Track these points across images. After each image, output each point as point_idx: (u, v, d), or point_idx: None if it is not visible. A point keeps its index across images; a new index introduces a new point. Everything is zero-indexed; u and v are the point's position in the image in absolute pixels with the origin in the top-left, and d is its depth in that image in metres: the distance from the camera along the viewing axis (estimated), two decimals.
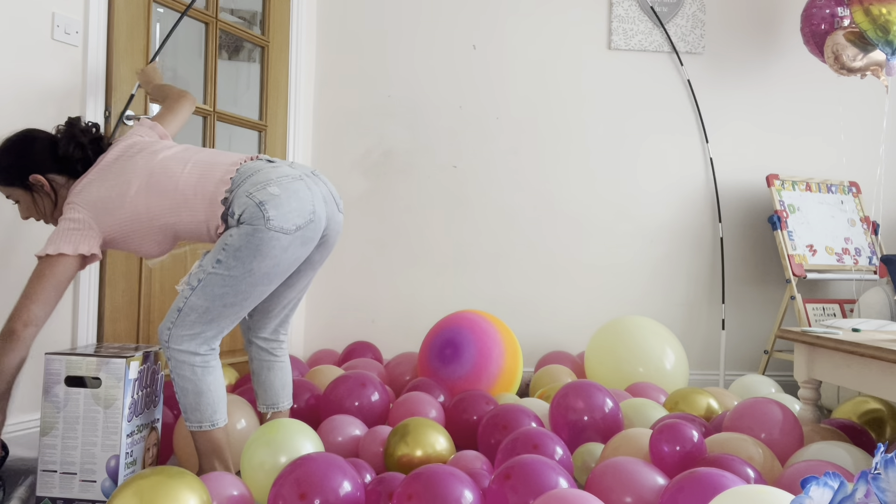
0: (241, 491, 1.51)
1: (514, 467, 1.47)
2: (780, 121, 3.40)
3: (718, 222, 3.35)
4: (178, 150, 1.78)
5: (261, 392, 1.98)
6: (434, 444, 1.81)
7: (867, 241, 3.26)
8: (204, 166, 1.73)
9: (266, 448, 1.64)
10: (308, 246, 1.73)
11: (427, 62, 3.30)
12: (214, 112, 2.70)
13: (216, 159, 1.76)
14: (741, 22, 3.39)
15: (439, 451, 1.81)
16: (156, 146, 1.79)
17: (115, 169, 1.73)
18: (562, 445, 1.72)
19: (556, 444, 1.71)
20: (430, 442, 1.81)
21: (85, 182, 1.73)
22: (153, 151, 1.76)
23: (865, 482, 0.94)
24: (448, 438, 1.87)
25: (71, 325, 2.18)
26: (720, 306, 3.34)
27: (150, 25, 2.39)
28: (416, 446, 1.79)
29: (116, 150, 1.78)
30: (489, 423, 1.95)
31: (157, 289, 2.45)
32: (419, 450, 1.79)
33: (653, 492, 1.48)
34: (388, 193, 3.29)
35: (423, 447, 1.80)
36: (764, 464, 1.66)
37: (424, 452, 1.79)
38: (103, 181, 1.72)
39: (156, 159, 1.74)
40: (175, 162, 1.74)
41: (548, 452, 1.67)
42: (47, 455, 1.62)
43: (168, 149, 1.78)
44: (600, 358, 2.70)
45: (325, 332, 3.25)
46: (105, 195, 1.70)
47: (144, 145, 1.79)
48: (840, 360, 1.93)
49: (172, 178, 1.70)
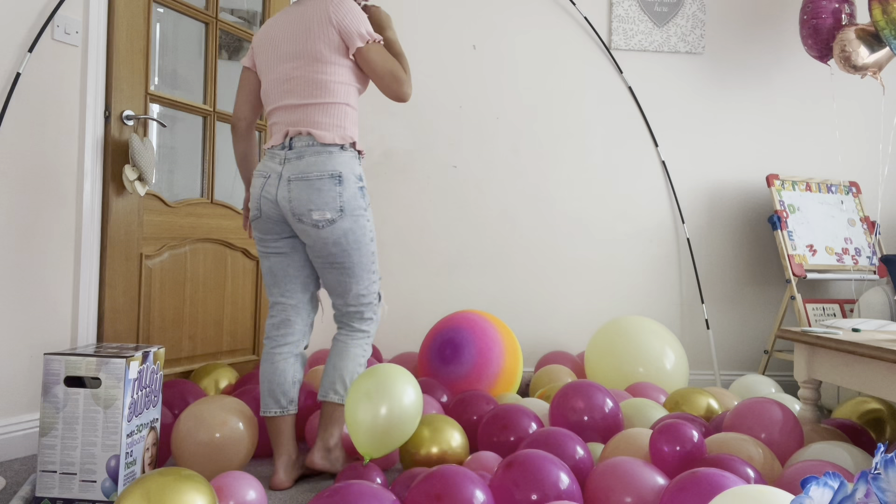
0: (258, 492, 1.52)
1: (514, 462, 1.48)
2: (781, 121, 3.40)
3: (682, 223, 3.35)
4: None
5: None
6: (450, 440, 1.82)
7: (867, 241, 3.25)
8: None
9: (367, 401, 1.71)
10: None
11: (427, 62, 3.30)
12: (214, 112, 2.70)
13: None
14: (741, 22, 3.39)
15: (455, 449, 1.82)
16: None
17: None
18: (582, 445, 1.73)
19: (576, 444, 1.72)
20: (447, 439, 1.82)
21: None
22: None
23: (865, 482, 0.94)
24: (463, 435, 1.89)
25: (71, 325, 2.18)
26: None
27: (150, 25, 2.39)
28: (434, 443, 1.80)
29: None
30: (489, 423, 1.96)
31: (157, 289, 2.45)
32: (436, 447, 1.80)
33: (653, 492, 1.48)
34: (388, 193, 3.29)
35: (440, 444, 1.80)
36: (764, 464, 1.66)
37: (441, 449, 1.80)
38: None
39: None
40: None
41: (568, 453, 1.68)
42: (47, 455, 1.62)
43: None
44: (600, 358, 2.70)
45: (325, 332, 3.25)
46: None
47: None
48: (840, 360, 1.93)
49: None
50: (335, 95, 1.79)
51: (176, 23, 2.75)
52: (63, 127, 2.15)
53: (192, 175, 2.73)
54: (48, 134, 2.11)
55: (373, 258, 1.85)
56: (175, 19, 2.69)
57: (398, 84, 1.77)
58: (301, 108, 1.79)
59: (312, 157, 1.76)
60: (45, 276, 2.11)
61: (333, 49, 1.77)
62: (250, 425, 1.92)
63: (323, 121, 1.77)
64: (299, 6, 1.85)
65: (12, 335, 2.03)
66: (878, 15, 2.62)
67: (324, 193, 1.73)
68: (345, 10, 1.78)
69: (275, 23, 1.88)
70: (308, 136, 1.77)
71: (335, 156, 1.76)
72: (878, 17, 2.62)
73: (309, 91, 1.79)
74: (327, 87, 1.78)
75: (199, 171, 2.71)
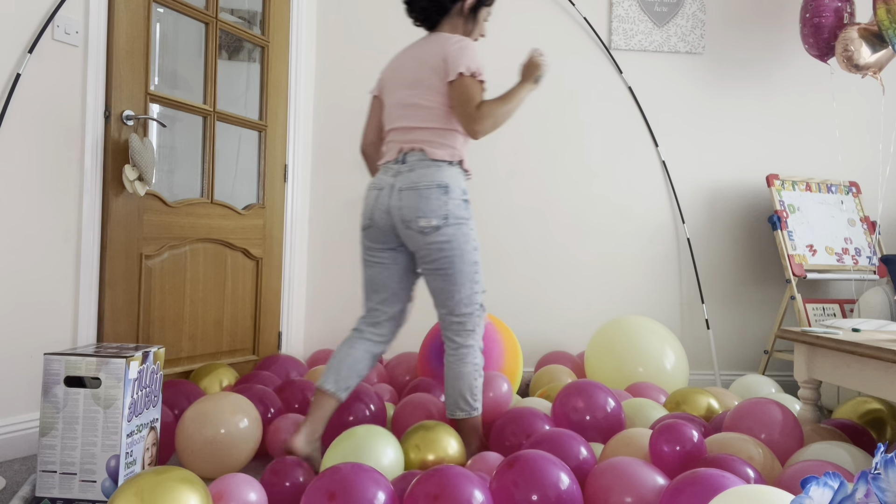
0: (258, 494, 1.52)
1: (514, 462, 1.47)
2: (780, 121, 3.40)
3: (682, 223, 3.35)
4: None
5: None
6: (447, 447, 1.82)
7: (867, 241, 3.25)
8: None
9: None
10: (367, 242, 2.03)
11: None
12: (214, 112, 2.70)
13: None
14: (741, 22, 3.39)
15: (452, 455, 1.81)
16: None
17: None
18: (586, 446, 1.73)
19: (580, 445, 1.72)
20: (443, 446, 1.81)
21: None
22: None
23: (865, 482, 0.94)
24: (460, 441, 1.88)
25: (71, 325, 2.18)
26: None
27: (150, 25, 2.39)
28: (429, 450, 1.80)
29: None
30: (502, 425, 1.96)
31: (157, 289, 2.45)
32: (432, 454, 1.79)
33: (653, 492, 1.48)
34: None
35: (436, 451, 1.80)
36: (764, 464, 1.66)
37: (437, 456, 1.79)
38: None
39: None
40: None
41: (572, 453, 1.68)
42: (47, 455, 1.62)
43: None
44: (600, 358, 2.70)
45: (325, 332, 3.25)
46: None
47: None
48: (840, 360, 1.93)
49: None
50: (445, 121, 1.94)
51: (176, 23, 2.75)
52: (63, 127, 2.15)
53: (192, 175, 2.73)
54: (48, 134, 2.11)
55: (475, 268, 1.95)
56: (175, 19, 2.70)
57: (467, 118, 1.88)
58: (414, 130, 1.96)
59: (423, 169, 1.91)
60: (45, 275, 2.11)
61: (442, 78, 1.93)
62: (255, 423, 1.92)
63: (434, 140, 1.94)
64: (425, 39, 2.03)
65: (12, 335, 2.03)
66: (883, 14, 2.61)
67: (431, 201, 1.88)
68: (458, 45, 1.93)
69: (402, 53, 2.08)
70: (420, 151, 1.93)
71: (443, 169, 1.92)
72: (883, 16, 2.61)
73: (421, 116, 1.95)
74: (437, 113, 1.94)
75: (199, 171, 2.71)
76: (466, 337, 1.97)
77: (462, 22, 2.04)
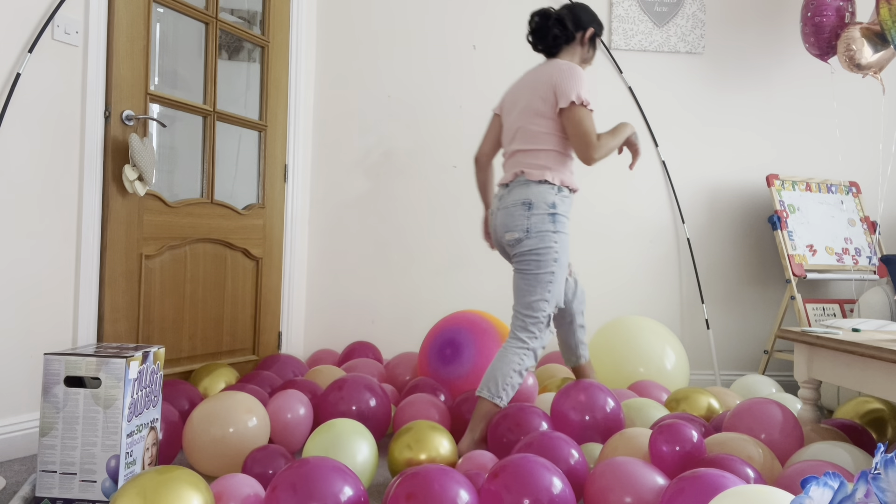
0: (255, 491, 1.52)
1: (506, 466, 1.47)
2: (781, 121, 3.40)
3: (682, 223, 3.35)
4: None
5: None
6: (438, 447, 1.81)
7: (867, 241, 3.25)
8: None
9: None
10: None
11: (427, 62, 3.30)
12: (214, 112, 2.70)
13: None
14: (741, 22, 3.39)
15: (443, 455, 1.81)
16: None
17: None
18: (577, 449, 1.72)
19: (570, 447, 1.71)
20: (435, 445, 1.81)
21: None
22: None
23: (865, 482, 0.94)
24: (452, 441, 1.87)
25: (71, 325, 2.18)
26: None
27: (150, 25, 2.40)
28: (421, 450, 1.79)
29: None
30: (499, 423, 1.96)
31: (157, 289, 2.45)
32: (423, 454, 1.79)
33: (653, 492, 1.48)
34: (388, 193, 3.29)
35: (428, 451, 1.80)
36: (764, 464, 1.66)
37: (429, 456, 1.79)
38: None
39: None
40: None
41: (563, 456, 1.67)
42: (47, 455, 1.62)
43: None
44: (601, 358, 2.70)
45: (325, 331, 3.25)
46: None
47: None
48: (840, 360, 1.93)
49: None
50: (546, 144, 2.08)
51: (176, 23, 2.75)
52: (63, 127, 2.15)
53: (192, 175, 2.73)
54: (48, 134, 2.11)
55: (551, 277, 2.05)
56: (175, 19, 2.69)
57: (586, 147, 2.02)
58: (521, 152, 2.12)
59: (517, 189, 2.08)
60: (45, 276, 2.11)
61: (549, 105, 2.07)
62: (263, 422, 1.92)
63: (533, 162, 2.09)
64: (542, 66, 2.15)
65: (12, 335, 2.03)
66: (886, 14, 2.61)
67: (515, 218, 2.06)
68: (567, 73, 2.05)
69: (522, 77, 2.21)
70: (522, 174, 2.09)
71: (531, 187, 2.06)
72: (886, 16, 2.61)
73: (526, 139, 2.10)
74: (539, 138, 2.08)
75: (199, 171, 2.71)
76: (525, 336, 2.07)
77: (581, 50, 2.20)
